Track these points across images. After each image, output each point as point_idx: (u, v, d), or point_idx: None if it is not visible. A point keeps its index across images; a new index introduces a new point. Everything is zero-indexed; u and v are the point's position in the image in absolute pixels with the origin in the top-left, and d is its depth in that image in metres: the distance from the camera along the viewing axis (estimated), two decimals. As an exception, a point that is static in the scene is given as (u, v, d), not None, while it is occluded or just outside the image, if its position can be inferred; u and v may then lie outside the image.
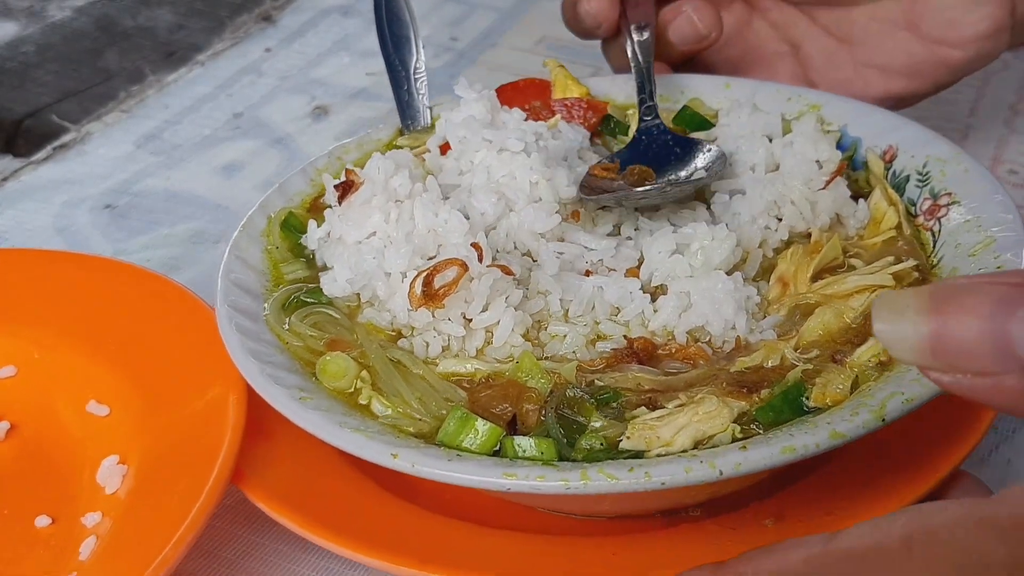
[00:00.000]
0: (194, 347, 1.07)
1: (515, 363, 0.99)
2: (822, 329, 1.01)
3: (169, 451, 0.99)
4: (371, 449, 0.89)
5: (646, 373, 0.98)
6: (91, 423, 1.05)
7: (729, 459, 0.84)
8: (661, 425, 0.91)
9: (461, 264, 0.99)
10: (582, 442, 0.91)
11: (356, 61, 1.90)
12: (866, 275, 1.06)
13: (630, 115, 1.33)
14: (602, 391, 0.96)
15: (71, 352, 1.11)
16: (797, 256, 1.09)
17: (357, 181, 1.12)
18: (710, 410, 0.91)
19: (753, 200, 1.13)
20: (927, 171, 1.16)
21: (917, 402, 0.87)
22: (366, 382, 0.99)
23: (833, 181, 1.15)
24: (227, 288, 1.08)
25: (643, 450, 0.90)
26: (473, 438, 0.91)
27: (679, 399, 0.94)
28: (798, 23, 1.44)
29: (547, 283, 1.05)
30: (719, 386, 0.95)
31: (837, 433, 0.85)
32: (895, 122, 1.24)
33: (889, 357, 0.95)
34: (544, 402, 0.95)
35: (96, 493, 0.97)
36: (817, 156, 1.17)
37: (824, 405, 0.92)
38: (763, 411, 0.92)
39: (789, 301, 1.05)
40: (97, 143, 1.70)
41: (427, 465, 0.87)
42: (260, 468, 0.99)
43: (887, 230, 1.13)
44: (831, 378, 0.94)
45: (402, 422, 0.96)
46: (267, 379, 0.96)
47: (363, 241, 1.09)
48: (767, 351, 0.99)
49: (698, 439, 0.90)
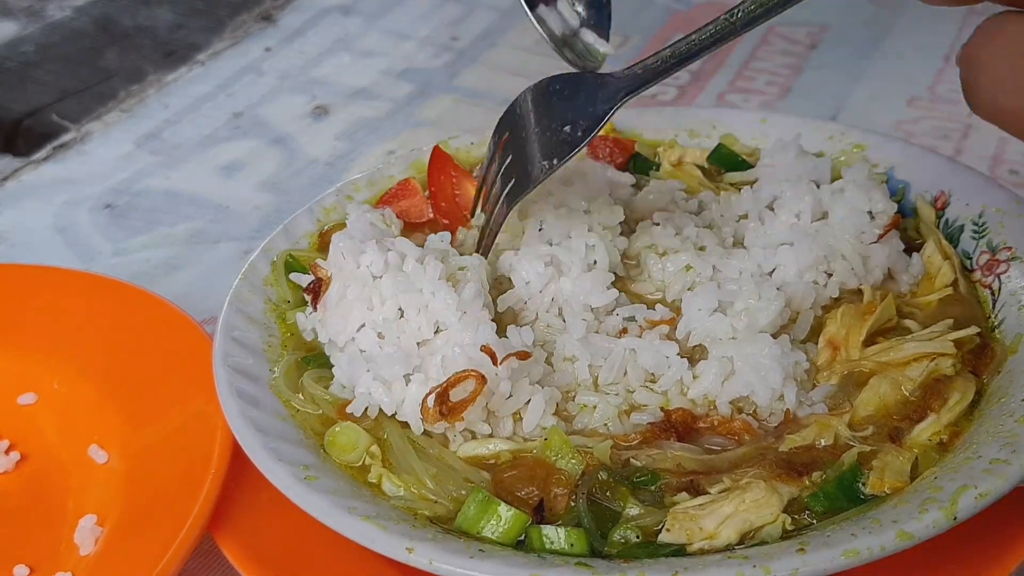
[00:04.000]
0: (198, 388, 1.03)
1: (543, 440, 0.91)
2: (877, 402, 0.93)
3: (147, 507, 0.98)
4: (384, 543, 0.81)
5: (687, 452, 0.90)
6: (88, 471, 1.05)
7: (785, 564, 0.76)
8: (704, 515, 0.83)
9: (479, 377, 0.90)
10: (615, 534, 0.83)
11: (356, 60, 1.87)
12: (924, 342, 0.97)
13: (661, 152, 1.26)
14: (639, 473, 0.88)
15: (87, 387, 1.12)
16: (848, 317, 1.00)
17: (326, 278, 1.03)
18: (758, 498, 0.83)
19: (801, 253, 1.04)
20: (983, 221, 1.08)
21: (992, 496, 0.79)
22: (376, 457, 0.92)
23: (887, 234, 1.07)
24: (227, 347, 1.00)
25: (684, 543, 0.82)
26: (496, 525, 0.84)
27: (723, 482, 0.86)
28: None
29: (574, 348, 0.97)
30: (767, 467, 0.87)
31: (905, 534, 0.77)
32: (947, 166, 1.15)
33: (950, 437, 0.88)
34: (575, 486, 0.86)
35: (71, 552, 0.99)
36: (870, 207, 1.08)
37: (882, 492, 0.85)
38: (816, 498, 0.84)
39: (840, 368, 0.97)
40: (97, 142, 1.68)
41: (446, 562, 0.79)
42: (237, 519, 0.95)
43: (942, 287, 1.05)
44: (889, 461, 0.87)
45: (417, 504, 0.88)
46: (269, 454, 0.89)
47: (355, 337, 1.00)
48: (819, 428, 0.91)
49: (745, 531, 0.82)
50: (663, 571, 0.77)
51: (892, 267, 1.08)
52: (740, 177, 1.21)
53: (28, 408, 1.14)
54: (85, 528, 0.99)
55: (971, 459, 0.83)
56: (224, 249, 1.44)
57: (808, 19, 1.88)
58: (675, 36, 1.80)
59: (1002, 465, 0.81)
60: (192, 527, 0.92)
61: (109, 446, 1.07)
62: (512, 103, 1.04)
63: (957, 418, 0.92)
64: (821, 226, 1.08)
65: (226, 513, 0.95)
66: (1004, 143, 1.53)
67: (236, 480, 0.96)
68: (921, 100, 1.65)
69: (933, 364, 0.95)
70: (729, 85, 1.72)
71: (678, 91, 1.70)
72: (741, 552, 0.80)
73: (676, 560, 0.79)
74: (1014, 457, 0.81)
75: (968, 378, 0.95)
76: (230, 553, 0.92)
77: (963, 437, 0.90)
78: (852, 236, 1.06)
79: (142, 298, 1.19)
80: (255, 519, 0.94)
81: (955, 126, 1.57)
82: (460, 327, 0.95)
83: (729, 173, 1.23)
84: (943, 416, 0.91)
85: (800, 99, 1.68)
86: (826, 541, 0.78)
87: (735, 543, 0.82)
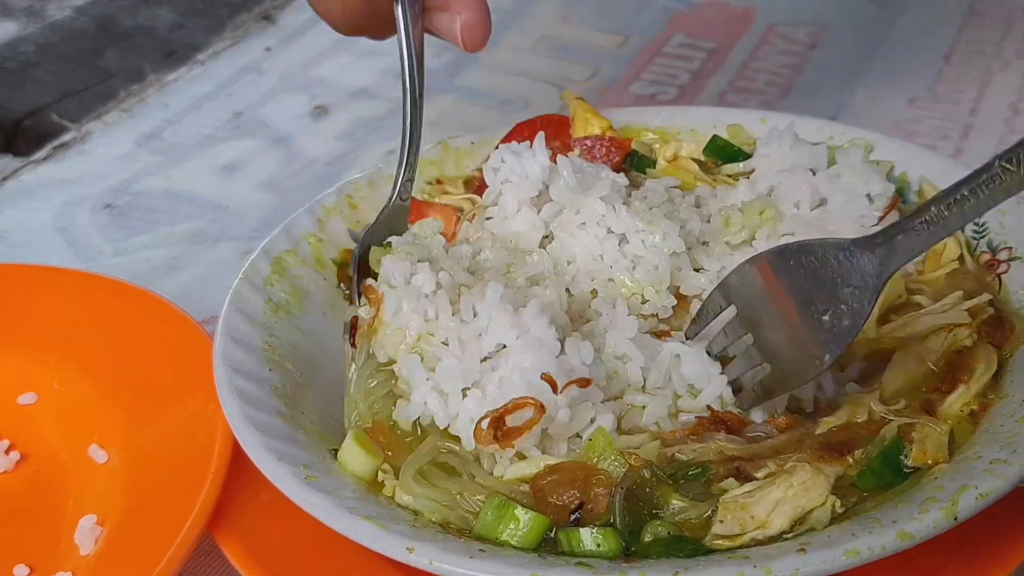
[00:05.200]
0: (198, 388, 1.03)
1: (588, 441, 0.89)
2: (904, 376, 0.94)
3: (148, 507, 0.98)
4: (385, 542, 0.81)
5: (729, 441, 0.89)
6: (87, 470, 1.05)
7: (786, 564, 0.76)
8: (754, 502, 0.82)
9: (537, 405, 0.88)
10: (647, 532, 0.82)
11: (356, 60, 1.86)
12: (939, 314, 0.98)
13: (657, 149, 1.26)
14: (687, 467, 0.87)
15: (87, 386, 1.12)
16: None
17: (376, 296, 1.02)
18: (805, 480, 0.83)
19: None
20: (984, 221, 1.08)
21: (992, 497, 0.79)
22: (389, 472, 0.91)
23: (887, 216, 1.07)
24: (227, 347, 0.99)
25: (737, 534, 0.81)
26: (515, 529, 0.83)
27: (768, 467, 0.86)
28: None
29: (626, 347, 0.95)
30: (807, 451, 0.86)
31: (905, 534, 0.77)
32: (947, 166, 1.15)
33: (980, 406, 0.89)
34: (616, 485, 0.85)
35: (71, 552, 0.99)
36: (868, 189, 1.08)
37: (924, 464, 0.85)
38: (863, 476, 0.85)
39: (860, 349, 0.98)
40: (97, 142, 1.68)
41: (447, 561, 0.78)
42: (238, 519, 0.94)
43: (949, 262, 1.06)
44: (928, 432, 0.87)
45: (428, 507, 0.87)
46: (269, 454, 0.88)
47: (414, 346, 0.98)
48: (852, 407, 0.91)
49: (796, 517, 0.82)
50: (663, 571, 0.76)
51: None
52: (737, 168, 1.21)
53: (28, 408, 1.14)
54: (85, 528, 0.99)
55: (971, 459, 0.84)
56: (224, 249, 1.44)
57: (808, 19, 1.88)
58: (676, 36, 1.81)
59: (1002, 465, 0.81)
60: (192, 527, 0.92)
61: (109, 446, 1.07)
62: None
63: (984, 388, 0.93)
64: (821, 213, 1.08)
65: (226, 513, 0.95)
66: (1004, 142, 1.53)
67: (236, 480, 0.96)
68: (921, 100, 1.65)
69: (951, 335, 0.96)
70: (729, 85, 1.72)
71: (678, 91, 1.70)
72: (742, 552, 0.80)
73: (677, 560, 0.79)
74: (1014, 457, 0.82)
75: (989, 349, 0.96)
76: (230, 553, 0.92)
77: (993, 408, 0.91)
78: (853, 221, 1.06)
79: (142, 298, 1.19)
80: (255, 519, 0.94)
81: (955, 126, 1.57)
82: (521, 347, 0.92)
83: (726, 164, 1.22)
84: (972, 386, 0.92)
85: (800, 99, 1.68)
86: (826, 541, 0.78)
87: (788, 530, 0.82)
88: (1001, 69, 1.70)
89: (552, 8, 1.98)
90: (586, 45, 1.83)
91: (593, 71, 1.75)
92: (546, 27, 1.92)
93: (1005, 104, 1.63)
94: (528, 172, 1.10)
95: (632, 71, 1.78)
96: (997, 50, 1.77)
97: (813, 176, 1.11)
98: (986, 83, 1.67)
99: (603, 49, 1.85)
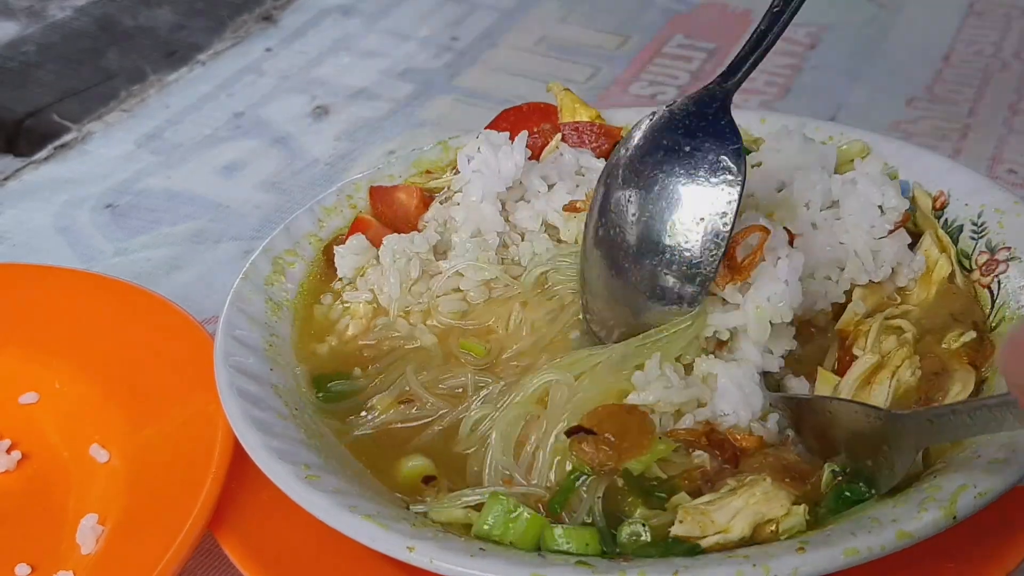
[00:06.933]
0: (199, 387, 1.03)
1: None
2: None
3: (149, 506, 0.98)
4: (385, 541, 0.81)
5: (701, 460, 0.90)
6: (89, 470, 1.05)
7: (785, 563, 0.76)
8: (714, 510, 0.83)
9: (762, 229, 0.91)
10: (624, 532, 0.84)
11: (357, 61, 1.87)
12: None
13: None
14: (656, 481, 0.88)
15: (88, 386, 1.12)
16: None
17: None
18: (767, 491, 0.84)
19: (812, 249, 1.03)
20: (983, 221, 1.08)
21: (991, 496, 0.79)
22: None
23: (897, 230, 1.07)
24: (228, 347, 1.00)
25: (697, 536, 0.82)
26: (512, 528, 0.84)
27: (728, 484, 0.87)
28: None
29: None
30: (770, 470, 0.87)
31: (905, 533, 0.77)
32: (946, 166, 1.15)
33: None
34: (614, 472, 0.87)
35: (72, 551, 0.99)
36: (882, 201, 1.07)
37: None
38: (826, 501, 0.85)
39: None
40: (98, 142, 1.68)
41: (447, 560, 0.79)
42: (238, 518, 0.95)
43: (940, 280, 1.06)
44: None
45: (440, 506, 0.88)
46: (270, 454, 0.88)
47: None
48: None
49: (757, 523, 0.83)
50: (663, 570, 0.76)
51: (898, 262, 1.07)
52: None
53: (29, 407, 1.14)
54: (86, 527, 1.00)
55: (970, 459, 0.84)
56: (225, 249, 1.44)
57: (808, 19, 1.88)
58: (675, 37, 1.81)
59: (1001, 465, 0.81)
60: (193, 526, 0.92)
61: (110, 445, 1.07)
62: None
63: None
64: (830, 216, 1.07)
65: (227, 512, 0.95)
66: (1004, 143, 1.54)
67: (237, 479, 0.96)
68: (920, 100, 1.65)
69: (895, 380, 0.95)
70: (729, 85, 1.72)
71: (678, 91, 1.71)
72: (741, 552, 0.80)
73: (676, 560, 0.79)
74: (1013, 457, 0.82)
75: (968, 370, 0.95)
76: (232, 552, 0.92)
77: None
78: (864, 231, 1.06)
79: (143, 298, 1.19)
80: (256, 518, 0.94)
81: (954, 126, 1.57)
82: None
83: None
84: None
85: (800, 99, 1.69)
86: (826, 540, 0.78)
87: (748, 536, 0.82)
88: (1000, 69, 1.70)
89: (552, 8, 1.98)
90: (586, 45, 1.83)
91: (593, 71, 1.75)
92: (546, 27, 1.92)
93: (1004, 105, 1.63)
94: (501, 168, 1.11)
95: (632, 71, 1.78)
96: (996, 50, 1.77)
97: (828, 178, 1.10)
98: (985, 83, 1.67)
99: (603, 49, 1.85)
